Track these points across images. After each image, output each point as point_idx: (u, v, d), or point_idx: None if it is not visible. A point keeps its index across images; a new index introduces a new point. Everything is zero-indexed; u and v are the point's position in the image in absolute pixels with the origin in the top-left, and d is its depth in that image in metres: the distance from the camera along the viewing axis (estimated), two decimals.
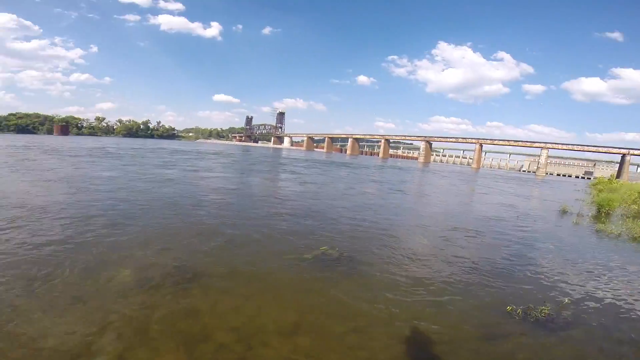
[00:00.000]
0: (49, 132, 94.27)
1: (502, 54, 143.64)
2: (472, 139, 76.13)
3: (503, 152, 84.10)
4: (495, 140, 75.08)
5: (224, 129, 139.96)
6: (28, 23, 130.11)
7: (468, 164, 78.95)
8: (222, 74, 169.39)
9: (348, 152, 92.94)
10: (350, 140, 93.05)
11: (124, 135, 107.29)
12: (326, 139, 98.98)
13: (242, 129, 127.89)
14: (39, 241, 5.49)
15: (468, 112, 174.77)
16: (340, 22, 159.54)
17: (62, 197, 9.18)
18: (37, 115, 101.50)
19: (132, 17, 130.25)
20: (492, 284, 5.23)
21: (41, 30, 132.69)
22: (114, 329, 3.39)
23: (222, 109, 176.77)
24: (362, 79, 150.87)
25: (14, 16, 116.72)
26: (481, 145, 74.68)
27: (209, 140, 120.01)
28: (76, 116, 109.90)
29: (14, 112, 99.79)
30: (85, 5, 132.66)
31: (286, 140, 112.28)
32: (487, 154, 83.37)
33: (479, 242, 7.78)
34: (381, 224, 8.81)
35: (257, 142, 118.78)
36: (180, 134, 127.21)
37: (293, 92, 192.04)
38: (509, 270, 5.93)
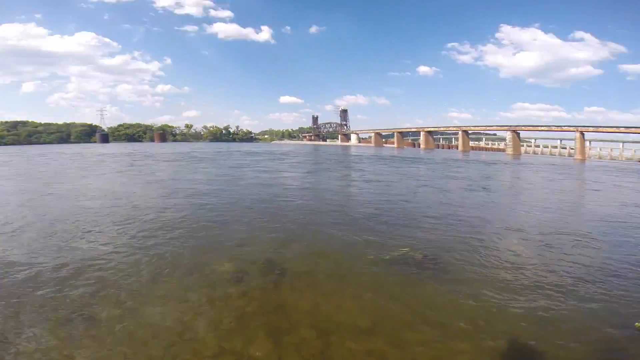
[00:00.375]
0: (151, 139, 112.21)
1: (580, 34, 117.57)
2: (569, 126, 64.20)
3: (614, 141, 68.82)
4: (600, 127, 62.04)
5: (294, 129, 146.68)
6: (107, 40, 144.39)
7: (570, 155, 66.88)
8: (283, 75, 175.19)
9: (422, 146, 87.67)
10: (422, 133, 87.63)
11: (211, 140, 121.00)
12: (395, 133, 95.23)
13: (310, 128, 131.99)
14: (148, 242, 6.45)
15: (557, 97, 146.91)
16: (384, 13, 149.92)
17: (162, 199, 10.91)
18: (139, 125, 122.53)
19: (190, 28, 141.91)
20: (612, 296, 4.44)
21: (120, 46, 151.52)
22: (217, 316, 3.92)
23: (289, 110, 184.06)
24: (424, 69, 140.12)
25: (94, 34, 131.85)
26: (582, 134, 62.40)
27: (282, 141, 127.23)
28: (169, 124, 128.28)
29: (122, 124, 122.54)
30: (147, 19, 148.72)
31: (353, 137, 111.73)
32: (591, 142, 69.37)
33: (592, 248, 6.57)
34: (467, 225, 8.11)
35: (325, 141, 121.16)
36: (257, 137, 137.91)
37: (352, 88, 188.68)
38: (635, 280, 4.93)
